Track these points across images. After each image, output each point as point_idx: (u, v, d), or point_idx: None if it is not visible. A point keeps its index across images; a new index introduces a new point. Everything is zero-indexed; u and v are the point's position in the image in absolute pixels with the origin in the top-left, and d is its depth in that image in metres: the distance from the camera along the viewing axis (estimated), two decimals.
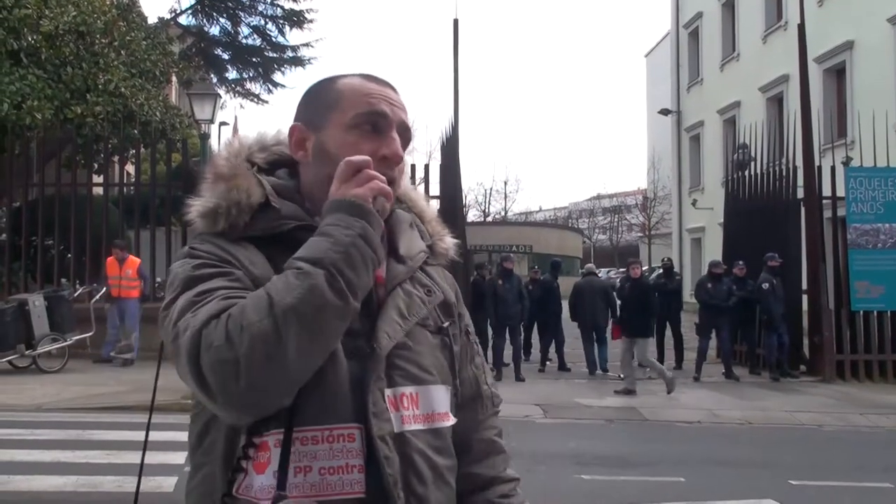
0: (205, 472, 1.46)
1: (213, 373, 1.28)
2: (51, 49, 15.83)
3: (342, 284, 1.32)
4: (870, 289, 14.15)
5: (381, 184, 1.42)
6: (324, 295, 1.30)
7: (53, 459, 7.72)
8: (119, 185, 17.25)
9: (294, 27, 27.20)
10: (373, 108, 1.53)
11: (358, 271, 1.35)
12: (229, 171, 1.55)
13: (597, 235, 67.92)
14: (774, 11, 25.99)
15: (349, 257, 1.34)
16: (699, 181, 31.82)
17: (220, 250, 1.47)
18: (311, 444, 1.38)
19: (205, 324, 1.30)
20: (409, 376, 1.50)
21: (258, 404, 1.32)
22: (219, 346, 1.27)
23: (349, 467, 1.39)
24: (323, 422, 1.39)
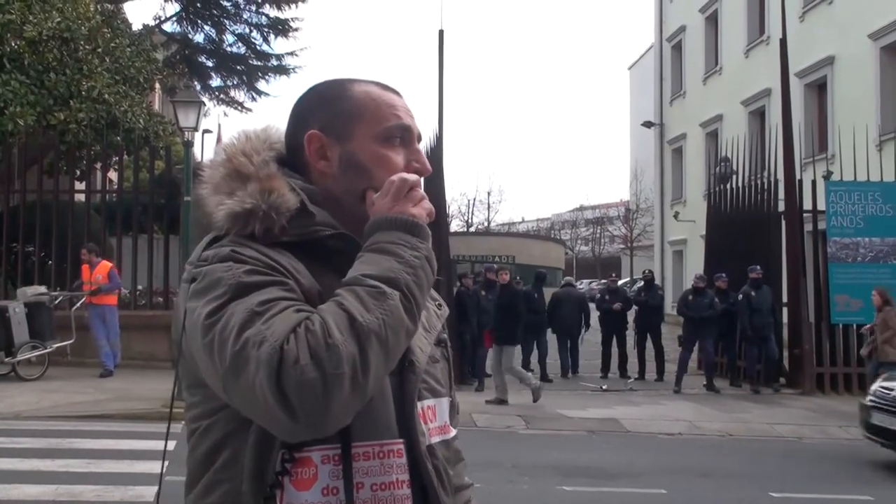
0: (225, 490, 1.38)
1: (298, 392, 1.21)
2: (34, 55, 15.75)
3: (414, 307, 1.31)
4: (849, 302, 14.24)
5: (430, 205, 1.42)
6: (402, 317, 1.29)
7: (32, 468, 7.65)
8: (101, 191, 17.18)
9: (279, 36, 27.19)
10: (401, 121, 1.51)
11: (424, 295, 1.35)
12: (258, 171, 1.47)
13: (579, 247, 68.03)
14: (757, 26, 26.19)
15: (419, 280, 1.34)
16: (681, 194, 31.98)
17: (265, 256, 1.37)
18: (363, 461, 1.36)
19: (286, 338, 1.22)
20: (430, 389, 1.50)
21: (336, 424, 1.27)
22: (305, 365, 1.21)
23: (399, 483, 1.38)
24: (374, 437, 1.37)
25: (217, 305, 1.30)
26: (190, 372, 1.41)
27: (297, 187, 1.46)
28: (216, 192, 1.47)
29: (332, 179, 1.50)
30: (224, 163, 1.50)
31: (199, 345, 1.31)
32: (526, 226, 76.16)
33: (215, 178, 1.49)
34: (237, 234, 1.42)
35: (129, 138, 16.58)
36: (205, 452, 1.41)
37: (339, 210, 1.48)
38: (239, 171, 1.47)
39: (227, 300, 1.30)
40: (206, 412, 1.41)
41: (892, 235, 14.40)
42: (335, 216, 1.47)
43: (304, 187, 1.47)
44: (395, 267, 1.32)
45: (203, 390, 1.40)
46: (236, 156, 1.49)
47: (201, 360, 1.32)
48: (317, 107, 1.54)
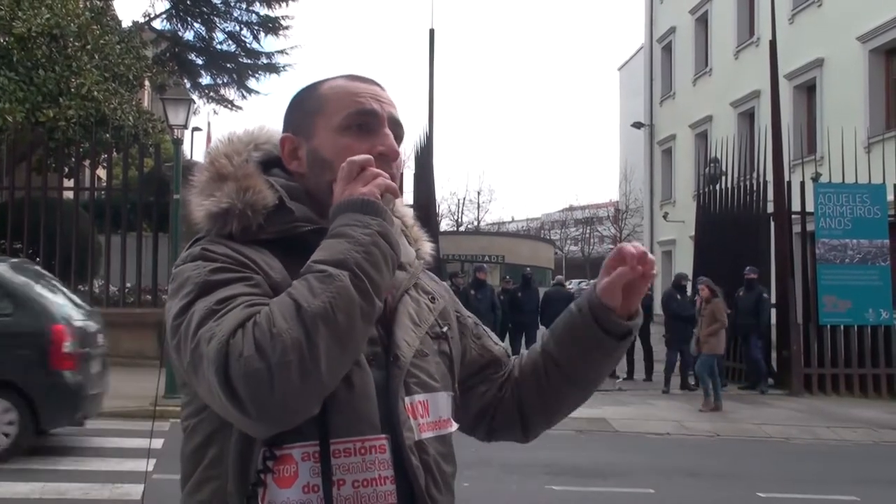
0: (214, 488, 1.38)
1: (246, 385, 1.21)
2: (23, 51, 15.68)
3: (367, 285, 1.29)
4: (837, 303, 14.30)
5: (386, 180, 1.39)
6: (351, 297, 1.27)
7: (19, 467, 7.62)
8: (90, 189, 17.11)
9: (269, 34, 27.16)
10: (361, 106, 1.49)
11: (381, 271, 1.32)
12: (236, 171, 1.49)
13: (569, 246, 68.13)
14: (747, 27, 26.28)
15: (371, 256, 1.31)
16: (671, 194, 32.05)
17: (237, 253, 1.39)
18: (344, 457, 1.34)
19: (232, 333, 1.24)
20: (421, 384, 1.47)
21: (293, 415, 1.26)
22: (249, 357, 1.21)
23: (382, 479, 1.36)
24: (355, 433, 1.36)
25: (184, 305, 1.33)
26: (178, 371, 1.41)
27: (276, 184, 1.47)
28: (199, 195, 1.50)
29: (306, 178, 1.52)
30: (208, 166, 1.52)
31: (171, 344, 1.35)
32: (516, 225, 76.25)
33: (200, 181, 1.52)
34: (216, 233, 1.44)
35: (118, 136, 16.53)
36: (194, 450, 1.42)
37: (319, 206, 1.48)
38: (220, 173, 1.49)
39: (193, 299, 1.33)
40: (195, 410, 1.43)
41: (879, 237, 14.46)
42: (317, 213, 1.47)
43: (284, 184, 1.49)
44: (344, 248, 1.31)
45: (190, 389, 1.41)
46: (218, 158, 1.52)
47: (173, 358, 1.36)
48: (290, 111, 1.58)
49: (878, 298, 14.28)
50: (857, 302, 14.24)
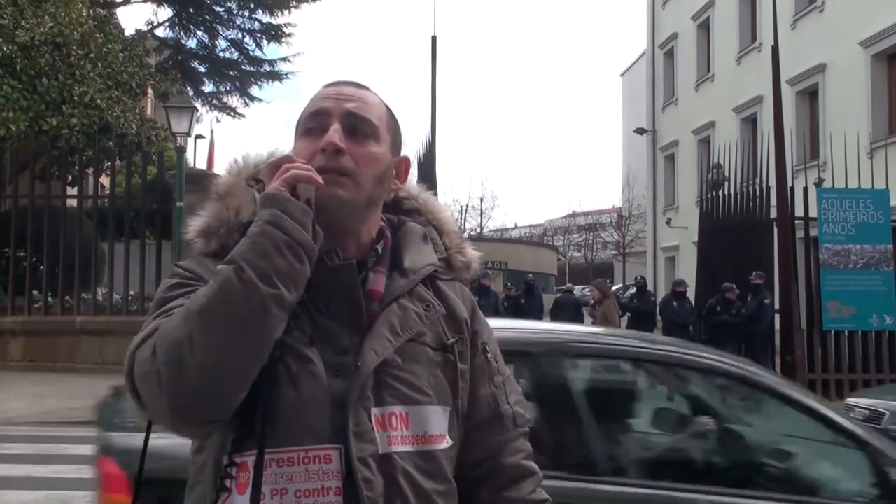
0: (199, 491, 1.43)
1: (141, 386, 1.31)
2: (26, 60, 15.72)
3: (251, 274, 1.29)
4: (841, 309, 14.26)
5: (297, 171, 1.38)
6: (231, 288, 1.28)
7: (24, 474, 7.62)
8: (94, 197, 17.13)
9: (272, 41, 27.19)
10: (314, 108, 1.51)
11: (270, 258, 1.31)
12: (224, 190, 1.53)
13: (571, 253, 68.07)
14: (748, 33, 26.28)
15: (257, 245, 1.32)
16: (674, 200, 32.03)
17: (201, 267, 1.45)
18: (287, 466, 1.35)
19: (140, 342, 1.34)
20: (399, 395, 1.44)
21: (188, 413, 1.31)
22: (144, 360, 1.30)
23: (325, 490, 1.35)
24: (299, 442, 1.36)
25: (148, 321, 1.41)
26: None
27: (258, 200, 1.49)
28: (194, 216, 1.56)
29: None
30: (212, 189, 1.56)
31: None
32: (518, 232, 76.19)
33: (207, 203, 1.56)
34: (200, 251, 1.51)
35: (121, 143, 16.56)
36: (192, 455, 1.48)
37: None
38: (215, 192, 1.55)
39: (151, 314, 1.42)
40: None
41: (883, 242, 14.43)
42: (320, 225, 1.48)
43: None
44: (239, 244, 1.35)
45: None
46: (220, 179, 1.57)
47: None
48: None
49: (881, 304, 14.25)
50: (861, 307, 14.20)
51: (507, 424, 1.62)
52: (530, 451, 1.65)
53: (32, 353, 14.73)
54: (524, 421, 1.66)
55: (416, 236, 1.58)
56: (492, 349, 1.64)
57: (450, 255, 1.63)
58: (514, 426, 1.63)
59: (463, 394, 1.55)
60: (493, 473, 1.60)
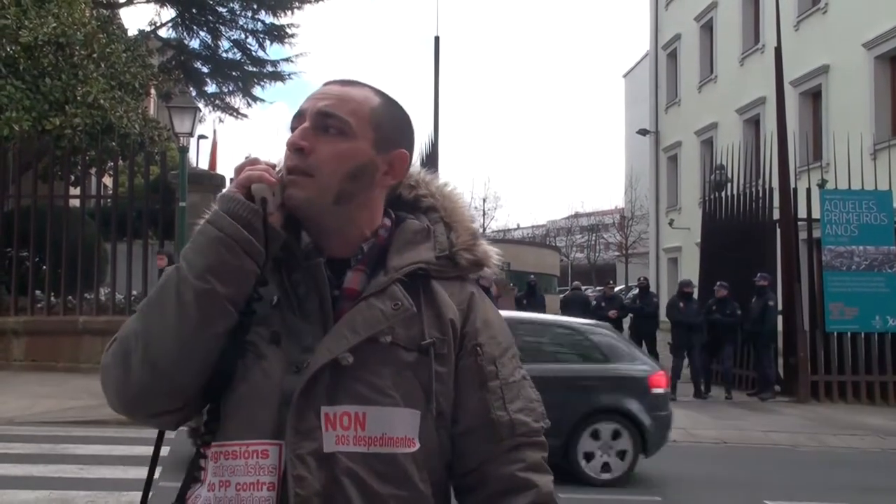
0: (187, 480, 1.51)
1: (102, 377, 1.44)
2: (29, 60, 15.72)
3: (185, 270, 1.38)
4: (844, 310, 14.27)
5: (249, 172, 1.43)
6: (168, 283, 1.39)
7: (25, 473, 7.63)
8: (96, 197, 17.13)
9: (275, 42, 27.17)
10: (297, 110, 1.53)
11: (203, 254, 1.39)
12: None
13: (574, 254, 68.03)
14: (752, 34, 26.26)
15: (194, 243, 1.41)
16: (676, 201, 32.01)
17: None
18: (231, 459, 1.39)
19: (110, 345, 1.44)
20: (354, 395, 1.40)
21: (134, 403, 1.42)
22: (105, 354, 1.43)
23: (259, 484, 1.37)
24: (243, 437, 1.39)
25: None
26: None
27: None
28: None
29: None
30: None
31: None
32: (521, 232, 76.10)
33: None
34: None
35: (124, 144, 16.55)
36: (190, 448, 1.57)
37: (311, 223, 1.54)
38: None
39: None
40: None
41: (886, 244, 14.43)
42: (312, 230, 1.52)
43: None
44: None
45: None
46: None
47: None
48: None
49: (885, 305, 14.25)
50: (864, 309, 14.20)
51: (499, 433, 1.50)
52: (533, 462, 1.52)
53: (35, 353, 14.74)
54: (526, 429, 1.53)
55: (408, 234, 1.55)
56: (489, 352, 1.53)
57: (454, 252, 1.57)
58: (511, 435, 1.51)
59: (441, 397, 1.47)
60: (480, 484, 1.51)
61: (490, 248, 1.61)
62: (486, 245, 1.61)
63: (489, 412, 1.50)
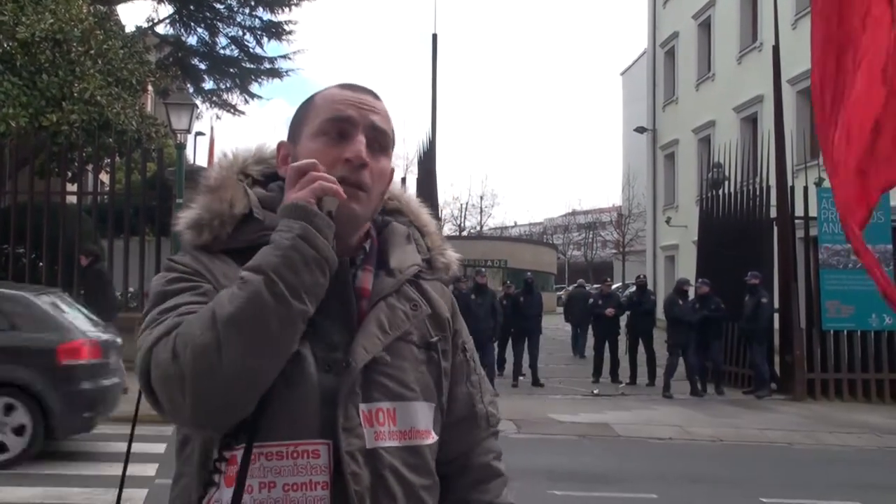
0: (183, 483, 1.46)
1: (161, 389, 1.32)
2: (26, 56, 15.69)
3: (282, 288, 1.30)
4: (840, 308, 14.29)
5: (325, 184, 1.39)
6: (263, 301, 1.29)
7: (20, 471, 7.62)
8: (93, 193, 17.11)
9: (273, 39, 27.12)
10: (339, 113, 1.51)
11: (299, 273, 1.33)
12: (216, 183, 1.55)
13: (571, 251, 68.12)
14: (749, 33, 26.27)
15: (288, 260, 1.33)
16: (673, 199, 32.02)
17: (197, 263, 1.46)
18: (275, 460, 1.37)
19: (155, 342, 1.33)
20: (386, 392, 1.46)
21: (210, 416, 1.33)
22: (165, 362, 1.30)
23: (313, 484, 1.38)
24: (288, 437, 1.38)
25: (144, 314, 1.43)
26: None
27: (251, 194, 1.53)
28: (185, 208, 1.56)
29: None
30: (202, 182, 1.58)
31: None
32: (518, 230, 76.22)
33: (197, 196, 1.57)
34: (191, 243, 1.51)
35: (121, 140, 16.53)
36: (177, 448, 1.51)
37: None
38: (205, 186, 1.56)
39: (150, 308, 1.43)
40: None
41: (883, 242, 14.44)
42: None
43: (262, 194, 1.54)
44: (265, 253, 1.35)
45: None
46: (209, 172, 1.58)
47: None
48: (291, 120, 1.61)
49: (881, 303, 14.15)
50: (861, 307, 14.21)
51: (480, 423, 1.66)
52: (500, 453, 1.70)
53: None
54: (496, 421, 1.70)
55: (400, 236, 1.61)
56: (470, 348, 1.68)
57: (432, 255, 1.66)
58: (486, 426, 1.68)
59: (445, 391, 1.59)
60: (463, 472, 1.64)
61: (454, 253, 1.71)
62: (451, 249, 1.71)
63: (474, 405, 1.65)
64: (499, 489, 1.66)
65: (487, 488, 1.64)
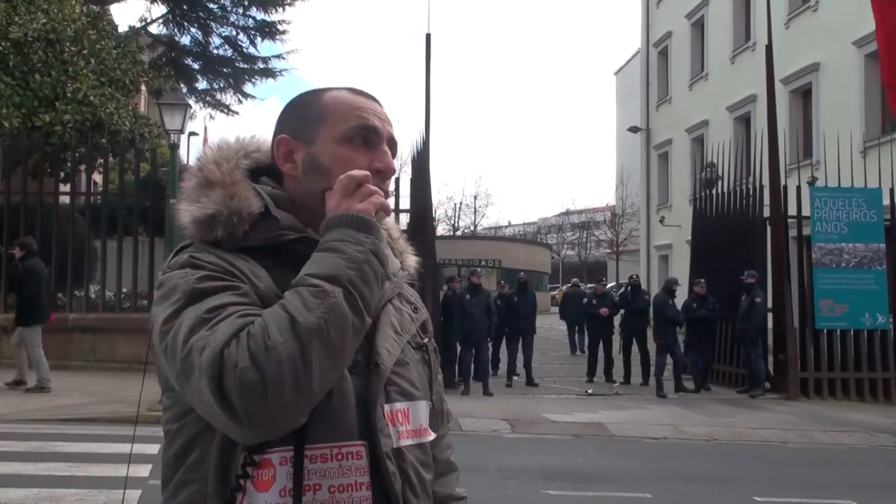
0: (192, 490, 1.41)
1: (240, 396, 1.24)
2: (19, 56, 15.66)
3: (359, 302, 1.33)
4: (833, 307, 14.32)
5: (381, 199, 1.43)
6: (344, 314, 1.31)
7: (15, 472, 7.60)
8: (87, 194, 17.08)
9: (266, 38, 27.10)
10: (365, 122, 1.53)
11: (372, 288, 1.36)
12: (224, 178, 1.51)
13: (565, 251, 68.11)
14: (742, 32, 26.33)
15: (364, 274, 1.35)
16: (667, 199, 32.08)
17: (223, 261, 1.42)
18: (320, 462, 1.37)
19: (226, 343, 1.26)
20: (402, 392, 1.50)
21: (283, 425, 1.30)
22: (245, 368, 1.24)
23: (358, 485, 1.39)
24: (332, 439, 1.39)
25: (172, 312, 1.36)
26: (163, 376, 1.45)
27: (263, 192, 1.51)
28: (186, 201, 1.52)
29: (297, 182, 1.55)
30: (196, 172, 1.54)
31: (159, 350, 1.38)
32: (512, 230, 76.18)
33: (189, 187, 1.53)
34: (202, 240, 1.46)
35: (114, 140, 16.50)
36: (175, 453, 1.45)
37: (307, 213, 1.51)
38: (207, 179, 1.51)
39: (181, 307, 1.36)
40: (177, 415, 1.45)
41: (875, 241, 14.48)
42: (304, 219, 1.50)
43: (271, 192, 1.52)
44: (337, 264, 1.34)
45: (174, 394, 1.44)
46: (207, 164, 1.54)
47: (163, 364, 1.39)
48: (289, 114, 1.60)
49: (874, 303, 14.31)
50: (854, 306, 14.26)
51: (445, 420, 1.74)
52: (452, 448, 1.78)
53: None
54: (450, 418, 1.79)
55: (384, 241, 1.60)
56: (436, 347, 1.72)
57: (402, 258, 1.70)
58: (446, 422, 1.76)
59: (434, 390, 1.65)
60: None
61: (414, 255, 1.75)
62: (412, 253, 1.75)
63: (443, 402, 1.74)
64: (455, 482, 1.74)
65: (448, 481, 1.71)
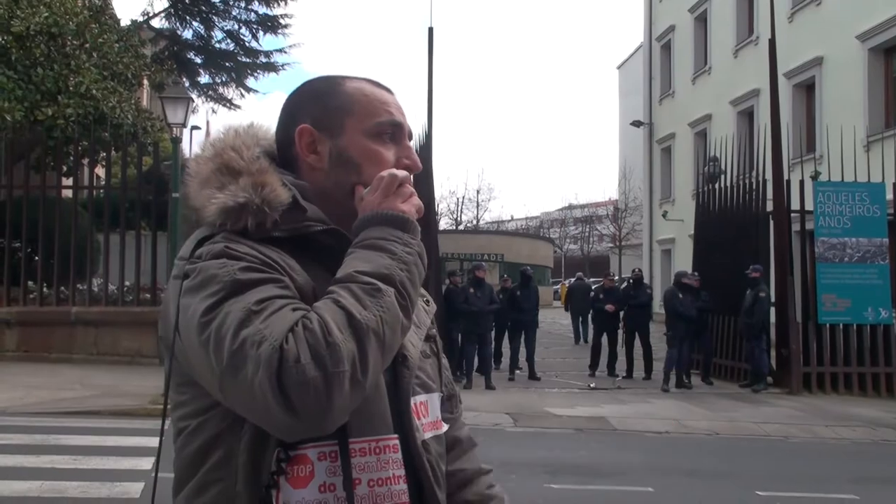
0: (220, 489, 1.35)
1: (301, 392, 1.19)
2: (21, 50, 15.66)
3: (408, 303, 1.33)
4: (836, 302, 14.31)
5: (419, 201, 1.44)
6: (397, 314, 1.30)
7: (18, 464, 7.61)
8: (89, 187, 17.09)
9: (268, 32, 27.12)
10: (392, 117, 1.52)
11: (418, 291, 1.38)
12: (249, 166, 1.45)
13: (568, 245, 68.10)
14: (746, 26, 26.26)
15: (412, 276, 1.36)
16: (670, 193, 32.04)
17: (259, 253, 1.36)
18: (359, 457, 1.36)
19: (285, 337, 1.21)
20: (423, 385, 1.52)
21: (336, 422, 1.26)
22: (306, 364, 1.19)
23: (395, 478, 1.38)
24: (371, 433, 1.38)
25: (213, 303, 1.29)
26: (180, 370, 1.39)
27: (288, 183, 1.45)
28: (205, 187, 1.45)
29: (322, 174, 1.50)
30: (213, 157, 1.48)
31: (195, 343, 1.29)
32: (515, 224, 76.14)
33: (204, 172, 1.47)
34: (228, 229, 1.40)
35: (116, 134, 16.51)
36: (195, 452, 1.39)
37: (328, 205, 1.48)
38: (229, 166, 1.45)
39: (223, 297, 1.29)
40: (197, 410, 1.39)
41: (878, 236, 14.46)
42: (325, 211, 1.46)
43: (295, 183, 1.47)
44: (388, 263, 1.33)
45: (193, 388, 1.38)
46: (226, 150, 1.48)
47: (196, 357, 1.30)
48: (309, 102, 1.54)
49: (877, 297, 14.29)
50: (857, 301, 14.24)
51: (457, 402, 1.76)
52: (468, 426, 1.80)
53: (27, 343, 14.73)
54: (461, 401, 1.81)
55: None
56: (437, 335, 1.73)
57: None
58: (459, 403, 1.77)
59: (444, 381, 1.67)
60: (451, 447, 1.67)
61: None
62: None
63: (454, 386, 1.75)
64: (478, 457, 1.77)
65: (473, 456, 1.75)
